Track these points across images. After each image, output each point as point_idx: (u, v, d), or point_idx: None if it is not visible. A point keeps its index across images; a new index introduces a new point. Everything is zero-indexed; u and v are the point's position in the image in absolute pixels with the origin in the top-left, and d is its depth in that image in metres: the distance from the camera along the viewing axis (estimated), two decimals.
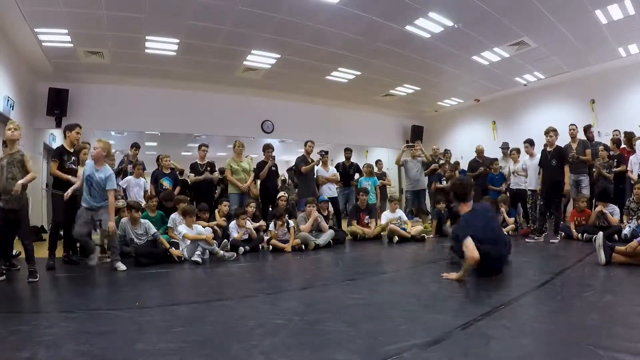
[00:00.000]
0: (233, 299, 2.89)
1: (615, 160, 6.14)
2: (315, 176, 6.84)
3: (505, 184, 7.17)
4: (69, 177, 4.35)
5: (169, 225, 5.13)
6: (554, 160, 5.47)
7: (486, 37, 6.86)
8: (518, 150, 7.04)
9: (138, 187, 5.83)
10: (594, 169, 6.22)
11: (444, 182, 7.39)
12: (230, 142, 7.57)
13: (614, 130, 6.72)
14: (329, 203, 6.50)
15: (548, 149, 5.60)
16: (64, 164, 4.40)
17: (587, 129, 6.89)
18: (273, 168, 6.46)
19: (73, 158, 4.49)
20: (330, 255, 5.13)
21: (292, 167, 7.29)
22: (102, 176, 4.03)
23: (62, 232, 4.56)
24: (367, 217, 6.63)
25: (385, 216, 6.38)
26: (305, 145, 6.71)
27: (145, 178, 6.58)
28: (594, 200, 6.03)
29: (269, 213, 6.17)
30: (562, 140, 6.02)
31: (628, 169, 5.85)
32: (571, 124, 6.33)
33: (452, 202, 4.79)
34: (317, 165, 6.69)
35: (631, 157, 5.88)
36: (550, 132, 5.55)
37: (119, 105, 8.43)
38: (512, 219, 6.21)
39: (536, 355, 1.70)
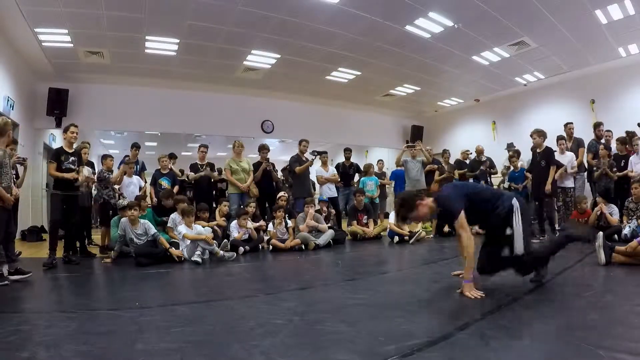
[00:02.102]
0: (233, 299, 2.89)
1: (622, 160, 6.09)
2: (314, 175, 6.82)
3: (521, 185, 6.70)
4: (68, 175, 4.37)
5: (168, 225, 5.14)
6: (543, 161, 5.47)
7: (486, 37, 6.86)
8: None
9: (133, 185, 5.86)
10: (594, 168, 6.19)
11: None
12: (230, 142, 7.58)
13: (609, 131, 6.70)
14: (329, 203, 6.50)
15: (538, 150, 5.58)
16: (61, 164, 4.42)
17: (596, 127, 6.66)
18: (268, 169, 6.45)
19: (71, 158, 4.51)
20: (330, 255, 5.12)
21: (286, 167, 7.26)
22: None
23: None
24: (365, 217, 6.63)
25: (393, 216, 6.37)
26: (300, 144, 6.66)
27: (145, 178, 6.59)
28: (594, 199, 6.02)
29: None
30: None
31: (628, 168, 5.84)
32: (569, 122, 6.31)
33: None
34: (311, 166, 6.65)
35: (631, 157, 5.88)
36: (533, 134, 5.48)
37: (119, 105, 8.44)
38: None
39: (536, 355, 1.69)
